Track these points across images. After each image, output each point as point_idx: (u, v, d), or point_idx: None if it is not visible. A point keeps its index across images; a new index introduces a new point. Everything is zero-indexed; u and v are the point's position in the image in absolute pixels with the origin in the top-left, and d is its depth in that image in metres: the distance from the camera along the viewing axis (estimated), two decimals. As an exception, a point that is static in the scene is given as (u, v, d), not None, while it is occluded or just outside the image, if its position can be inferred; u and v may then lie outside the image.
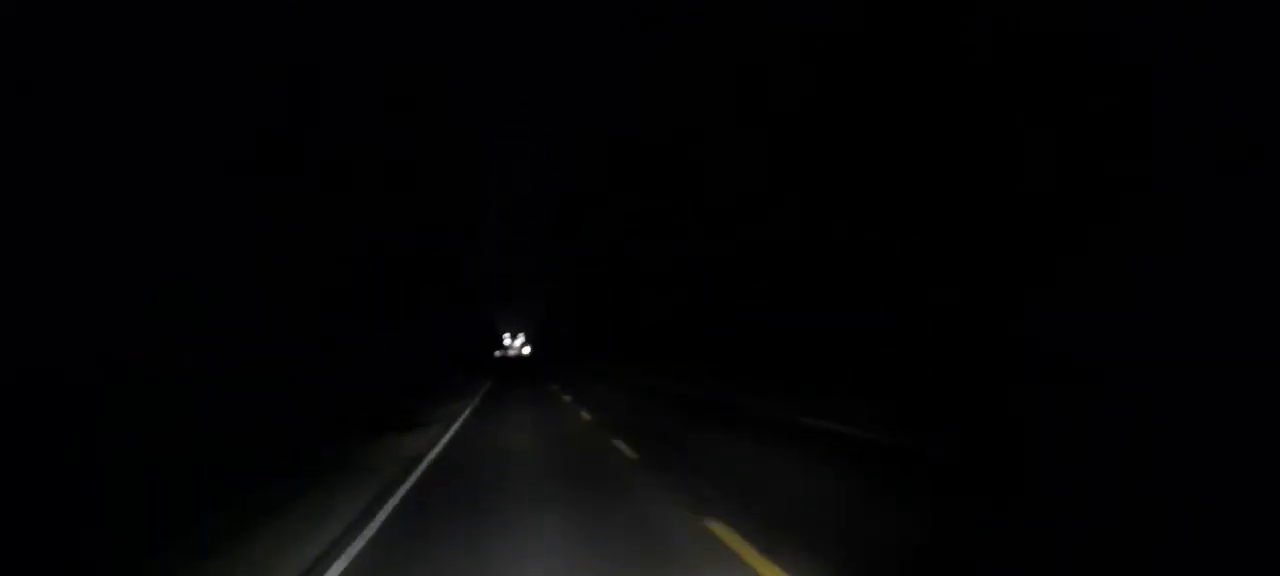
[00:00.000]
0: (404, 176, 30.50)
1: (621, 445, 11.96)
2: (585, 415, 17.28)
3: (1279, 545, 5.13)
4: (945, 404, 12.72)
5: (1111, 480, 7.40)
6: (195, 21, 14.79)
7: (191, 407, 13.05)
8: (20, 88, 10.92)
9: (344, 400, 18.53)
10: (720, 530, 6.38)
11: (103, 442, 10.42)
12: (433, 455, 12.04)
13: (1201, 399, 8.11)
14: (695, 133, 31.59)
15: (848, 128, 18.46)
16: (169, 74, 13.97)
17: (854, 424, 12.11)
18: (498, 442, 13.47)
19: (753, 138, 25.00)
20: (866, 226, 17.94)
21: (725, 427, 13.96)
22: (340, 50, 23.14)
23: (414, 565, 6.05)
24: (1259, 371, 7.76)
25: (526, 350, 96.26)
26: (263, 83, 17.99)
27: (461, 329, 48.99)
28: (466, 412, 19.57)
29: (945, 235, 15.02)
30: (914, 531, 6.14)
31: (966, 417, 11.55)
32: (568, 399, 22.66)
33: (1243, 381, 7.88)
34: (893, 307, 16.64)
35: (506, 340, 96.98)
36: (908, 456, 9.67)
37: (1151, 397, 8.74)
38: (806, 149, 21.04)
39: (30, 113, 11.11)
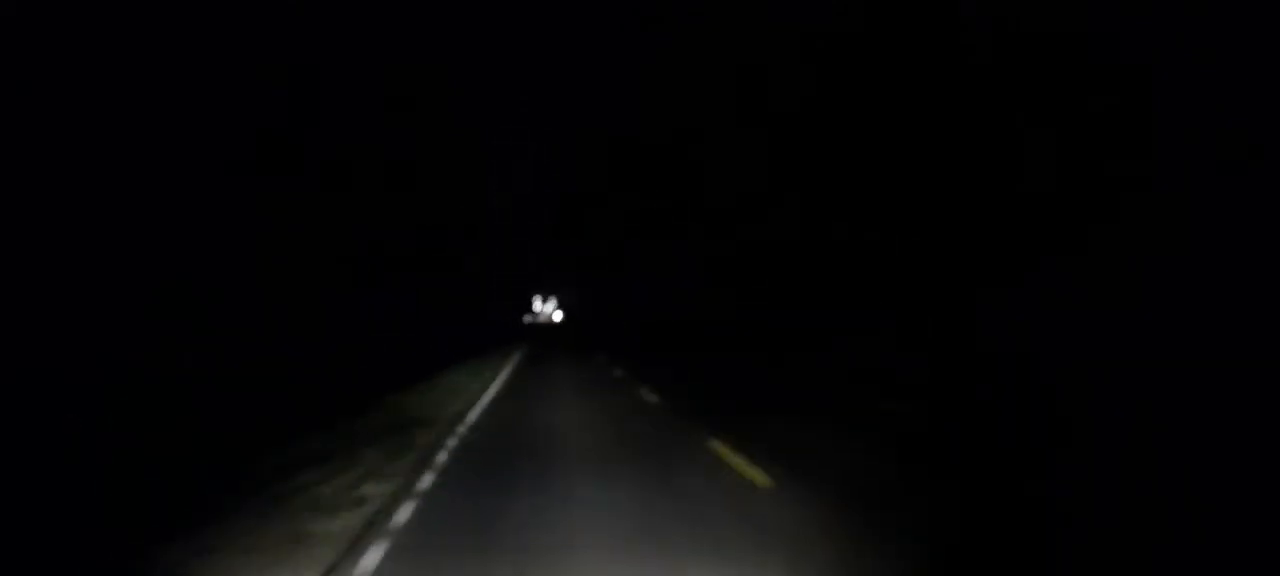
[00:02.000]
0: (404, 176, 30.53)
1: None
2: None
3: (1277, 545, 5.13)
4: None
5: (1111, 480, 7.40)
6: (196, 22, 14.81)
7: (191, 407, 13.06)
8: (21, 88, 10.94)
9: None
10: None
11: (102, 442, 10.43)
12: None
13: (1201, 398, 8.11)
14: (695, 133, 31.61)
15: (848, 128, 18.47)
16: (169, 74, 13.99)
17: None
18: None
19: (753, 138, 25.02)
20: (866, 226, 17.96)
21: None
22: (340, 50, 23.17)
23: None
24: (1259, 371, 7.76)
25: (558, 316, 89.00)
26: (263, 83, 18.02)
27: (473, 306, 46.29)
28: None
29: (945, 235, 15.03)
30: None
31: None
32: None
33: (1243, 381, 7.88)
34: (893, 307, 16.67)
35: (537, 304, 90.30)
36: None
37: (1151, 397, 8.73)
38: (806, 149, 21.06)
39: (31, 113, 11.12)
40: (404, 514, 6.27)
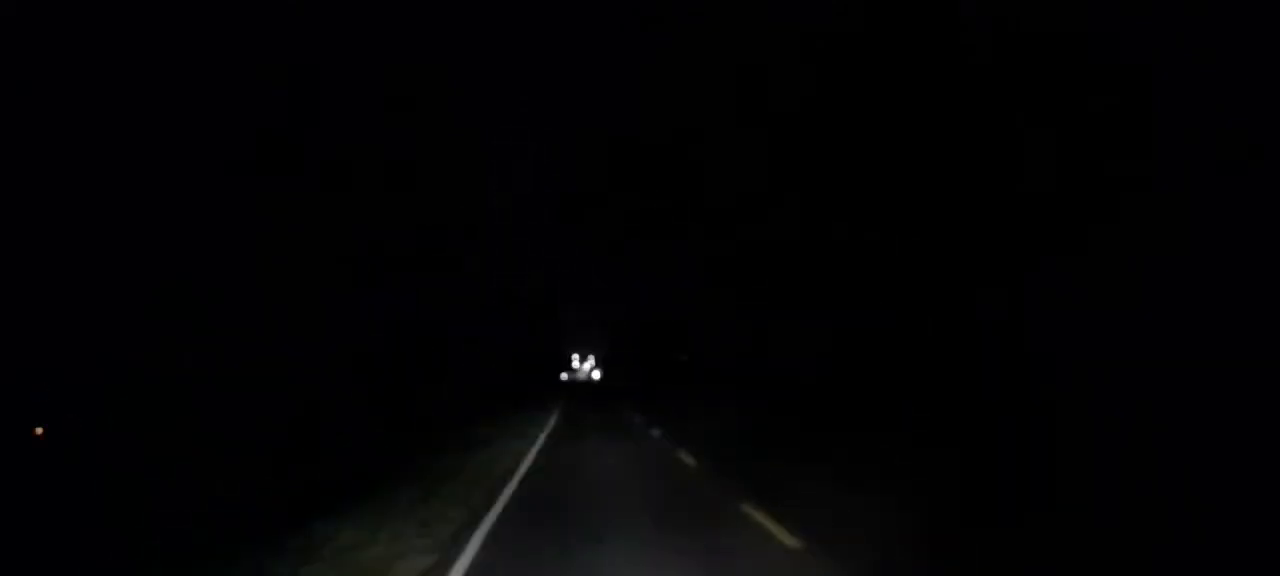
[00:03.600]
0: (404, 176, 30.40)
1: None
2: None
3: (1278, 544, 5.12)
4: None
5: (1112, 480, 7.39)
6: (196, 22, 14.78)
7: (191, 407, 13.03)
8: (22, 88, 10.92)
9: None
10: None
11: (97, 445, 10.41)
12: None
13: (1201, 398, 8.08)
14: (695, 133, 31.55)
15: (848, 128, 18.43)
16: (169, 74, 13.96)
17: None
18: None
19: (753, 138, 24.97)
20: (866, 226, 17.91)
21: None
22: (340, 50, 23.11)
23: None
24: (1259, 371, 7.74)
25: (597, 374, 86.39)
26: (263, 82, 17.97)
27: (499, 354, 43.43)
28: None
29: (945, 235, 14.98)
30: None
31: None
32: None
33: (1243, 381, 7.85)
34: (893, 308, 16.61)
35: (575, 362, 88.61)
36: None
37: (1151, 397, 8.71)
38: (806, 149, 21.01)
39: (32, 113, 11.10)
40: None
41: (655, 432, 17.42)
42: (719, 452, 12.79)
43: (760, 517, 7.35)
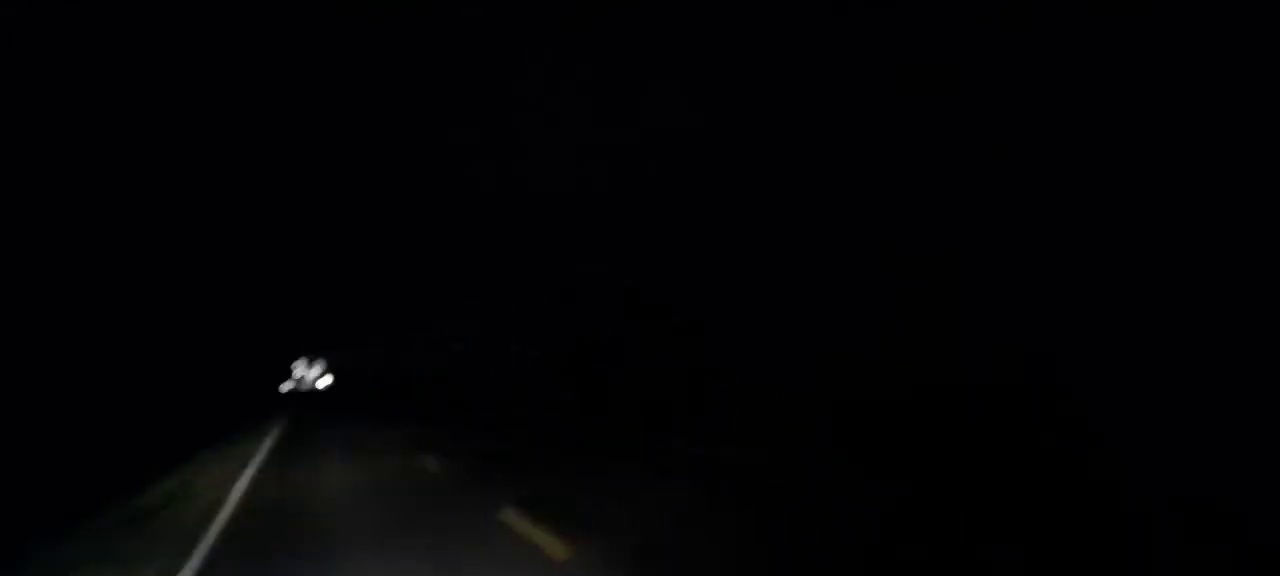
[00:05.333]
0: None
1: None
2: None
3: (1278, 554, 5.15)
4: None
5: (1109, 484, 7.41)
6: (197, 22, 14.61)
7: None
8: (19, 88, 10.80)
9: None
10: None
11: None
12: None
13: (1200, 401, 8.08)
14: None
15: (846, 126, 18.31)
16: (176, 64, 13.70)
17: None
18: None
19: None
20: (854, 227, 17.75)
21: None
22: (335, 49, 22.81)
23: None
24: (1258, 372, 7.76)
25: (323, 382, 78.10)
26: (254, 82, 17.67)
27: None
28: None
29: (941, 232, 14.89)
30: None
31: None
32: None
33: (1242, 382, 7.87)
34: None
35: (299, 371, 78.70)
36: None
37: (1149, 401, 8.70)
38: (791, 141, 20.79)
39: (31, 113, 10.95)
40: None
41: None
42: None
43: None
